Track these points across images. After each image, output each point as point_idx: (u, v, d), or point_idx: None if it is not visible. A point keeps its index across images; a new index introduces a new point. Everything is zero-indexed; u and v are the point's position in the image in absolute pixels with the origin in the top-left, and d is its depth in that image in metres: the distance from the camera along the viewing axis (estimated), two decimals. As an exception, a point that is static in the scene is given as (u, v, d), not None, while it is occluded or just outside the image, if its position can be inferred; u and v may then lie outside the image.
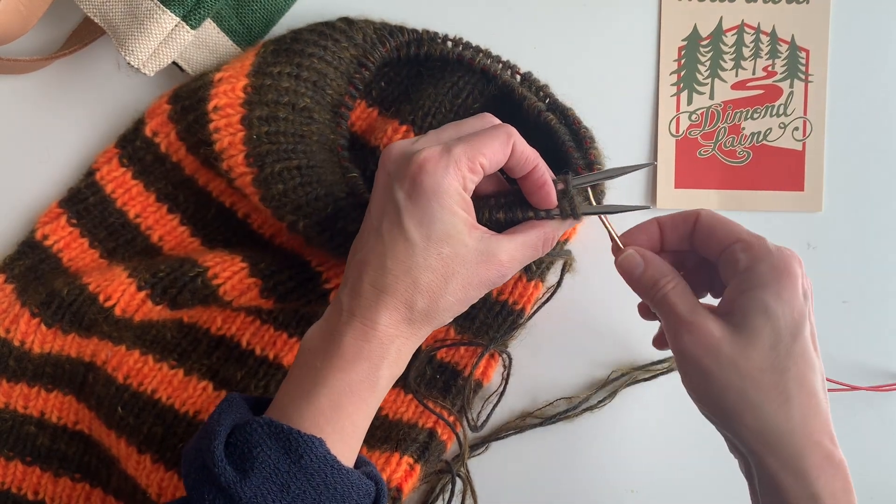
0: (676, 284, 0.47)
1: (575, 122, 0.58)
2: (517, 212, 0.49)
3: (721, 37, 0.61)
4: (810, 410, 0.44)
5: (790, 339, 0.44)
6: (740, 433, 0.44)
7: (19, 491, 0.57)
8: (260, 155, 0.52)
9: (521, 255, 0.48)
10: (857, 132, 0.62)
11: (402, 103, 0.60)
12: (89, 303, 0.56)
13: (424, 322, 0.46)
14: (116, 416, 0.56)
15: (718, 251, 0.48)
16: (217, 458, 0.41)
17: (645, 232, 0.51)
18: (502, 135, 0.46)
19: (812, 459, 0.43)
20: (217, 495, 0.41)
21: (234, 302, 0.56)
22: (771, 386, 0.43)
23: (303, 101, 0.54)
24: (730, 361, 0.44)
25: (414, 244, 0.45)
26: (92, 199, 0.58)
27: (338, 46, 0.55)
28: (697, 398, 0.47)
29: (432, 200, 0.45)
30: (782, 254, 0.45)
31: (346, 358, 0.44)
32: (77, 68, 0.60)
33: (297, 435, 0.42)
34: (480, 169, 0.46)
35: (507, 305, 0.60)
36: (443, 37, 0.59)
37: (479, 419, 0.60)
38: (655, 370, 0.61)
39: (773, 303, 0.44)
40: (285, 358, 0.59)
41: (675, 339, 0.46)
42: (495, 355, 0.61)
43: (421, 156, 0.45)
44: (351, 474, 0.43)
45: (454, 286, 0.45)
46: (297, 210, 0.53)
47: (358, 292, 0.46)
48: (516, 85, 0.58)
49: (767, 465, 0.44)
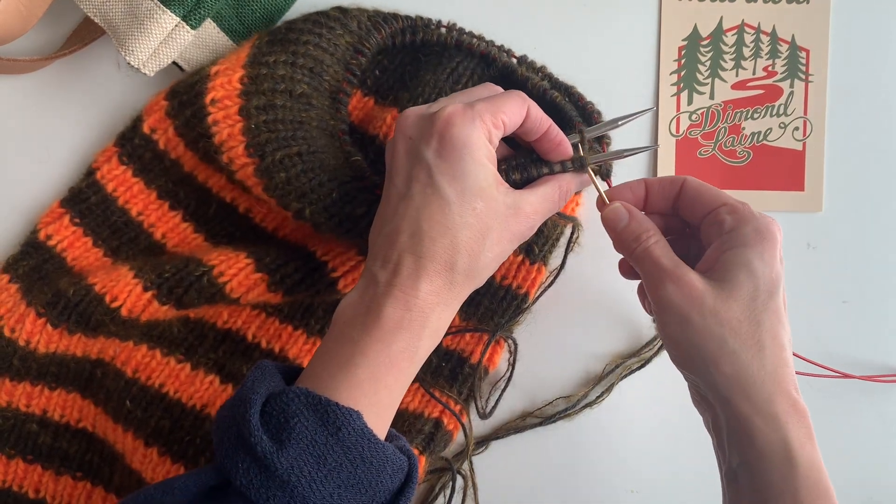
0: (658, 240, 0.49)
1: (580, 99, 0.58)
2: (532, 170, 0.51)
3: (721, 37, 0.61)
4: (781, 361, 0.46)
5: (767, 295, 0.46)
6: (715, 380, 0.46)
7: (20, 489, 0.57)
8: (260, 144, 0.52)
9: (543, 207, 0.49)
10: (857, 132, 0.62)
11: (400, 91, 0.59)
12: (96, 303, 0.56)
13: (465, 284, 0.46)
14: (125, 410, 0.56)
15: (703, 213, 0.50)
16: (253, 427, 0.40)
17: (631, 190, 0.52)
18: (518, 97, 0.48)
19: (782, 405, 0.45)
20: (252, 464, 0.40)
21: (242, 298, 0.56)
22: (748, 335, 0.46)
23: (300, 88, 0.53)
24: (711, 311, 0.46)
25: (449, 202, 0.45)
26: (93, 198, 0.59)
27: (333, 34, 0.55)
28: (674, 345, 0.48)
29: (465, 153, 0.45)
30: (765, 219, 0.48)
31: (386, 328, 0.44)
32: (77, 68, 0.60)
33: (335, 407, 0.41)
34: (502, 125, 0.47)
35: (510, 290, 0.60)
36: (437, 23, 0.59)
37: (487, 406, 0.60)
38: (646, 354, 0.61)
39: (755, 261, 0.46)
40: (291, 350, 0.59)
41: (658, 289, 0.47)
42: (500, 341, 0.61)
43: (446, 111, 0.46)
44: (386, 448, 0.43)
45: (491, 241, 0.46)
46: (302, 197, 0.52)
47: (394, 262, 0.45)
48: (517, 66, 0.58)
49: (740, 411, 0.45)
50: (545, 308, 0.61)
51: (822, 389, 0.61)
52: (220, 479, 0.42)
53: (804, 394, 0.46)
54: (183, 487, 0.41)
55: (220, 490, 0.42)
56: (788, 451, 0.44)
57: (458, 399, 0.59)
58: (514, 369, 0.61)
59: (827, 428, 0.62)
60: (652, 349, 0.61)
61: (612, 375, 0.61)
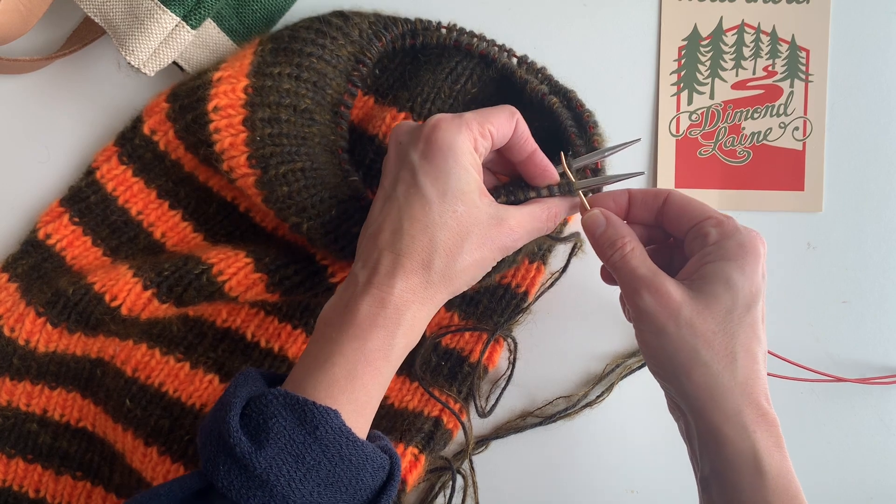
0: (635, 247, 0.49)
1: (578, 106, 0.58)
2: (518, 193, 0.51)
3: (721, 37, 0.61)
4: (752, 373, 0.46)
5: (744, 309, 0.46)
6: (686, 389, 0.47)
7: (20, 489, 0.57)
8: (264, 157, 0.52)
9: (529, 223, 0.50)
10: (857, 132, 0.62)
11: (399, 90, 0.59)
12: (95, 302, 0.56)
13: (441, 284, 0.47)
14: (124, 409, 0.56)
15: (688, 227, 0.50)
16: (232, 429, 0.41)
17: (613, 199, 0.52)
18: (506, 110, 0.49)
19: (751, 415, 0.45)
20: (232, 466, 0.41)
21: (241, 297, 0.57)
22: (721, 347, 0.46)
23: (304, 103, 0.54)
24: (687, 322, 0.46)
25: (430, 201, 0.46)
26: (93, 197, 0.59)
27: (335, 45, 0.55)
28: (649, 354, 0.49)
29: (448, 156, 0.47)
30: (750, 233, 0.48)
31: (361, 326, 0.45)
32: (77, 68, 0.60)
33: (312, 406, 0.42)
34: (489, 135, 0.48)
35: (510, 289, 0.60)
36: (437, 24, 0.59)
37: (487, 404, 0.60)
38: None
39: (735, 274, 0.46)
40: (290, 349, 0.59)
41: (636, 298, 0.48)
42: (499, 340, 0.61)
43: (435, 118, 0.48)
44: (366, 447, 0.43)
45: (469, 245, 0.47)
46: (301, 212, 0.53)
47: (374, 261, 0.46)
48: (516, 68, 0.58)
49: (710, 420, 0.46)
50: (545, 307, 0.61)
51: (821, 390, 0.61)
52: (204, 483, 0.43)
53: (802, 396, 0.47)
54: (168, 493, 0.42)
55: (204, 494, 0.43)
56: (757, 459, 0.45)
57: (457, 398, 0.59)
58: (514, 368, 0.61)
59: (827, 428, 0.62)
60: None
61: (612, 375, 0.61)
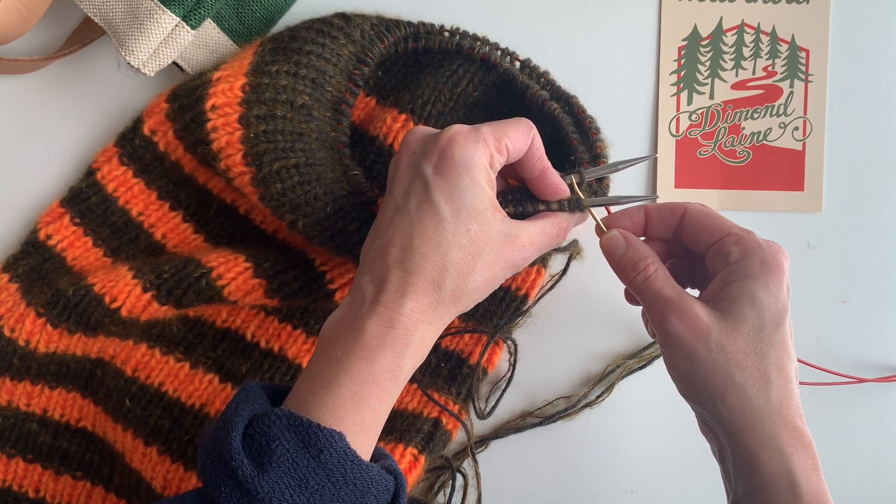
0: (658, 268, 0.48)
1: (580, 112, 0.58)
2: (527, 205, 0.50)
3: (721, 37, 0.61)
4: (786, 392, 0.46)
5: (773, 327, 0.46)
6: (720, 413, 0.46)
7: (20, 489, 0.57)
8: (258, 154, 0.52)
9: (541, 240, 0.49)
10: (857, 132, 0.62)
11: (401, 92, 0.59)
12: (95, 304, 0.56)
13: (451, 304, 0.46)
14: (124, 409, 0.56)
15: (708, 244, 0.49)
16: (234, 451, 0.40)
17: (629, 217, 0.52)
18: (524, 124, 0.48)
19: (787, 438, 0.45)
20: (234, 489, 0.40)
21: (240, 301, 0.57)
22: (753, 368, 0.45)
23: (301, 99, 0.53)
24: (717, 345, 0.45)
25: (443, 219, 0.45)
26: (94, 198, 0.59)
27: (336, 44, 0.55)
28: (681, 379, 0.48)
29: (463, 173, 0.45)
30: (772, 248, 0.47)
31: (369, 347, 0.43)
32: (77, 68, 0.60)
33: (316, 429, 0.41)
34: (506, 150, 0.47)
35: (510, 291, 0.60)
36: (439, 27, 0.59)
37: (486, 406, 0.60)
38: (646, 356, 0.61)
39: (760, 293, 0.46)
40: (290, 350, 0.59)
41: (663, 322, 0.47)
42: (499, 342, 0.61)
43: (451, 130, 0.46)
44: (371, 469, 0.42)
45: (482, 265, 0.46)
46: (296, 209, 0.52)
47: (382, 277, 0.45)
48: (518, 73, 0.58)
49: (745, 444, 0.45)
50: (546, 308, 0.61)
51: (821, 390, 0.61)
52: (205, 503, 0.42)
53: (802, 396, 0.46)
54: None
55: None
56: (794, 483, 0.44)
57: (456, 399, 0.59)
58: (515, 370, 0.61)
59: (827, 428, 0.62)
60: (652, 349, 0.61)
61: (613, 375, 0.61)
